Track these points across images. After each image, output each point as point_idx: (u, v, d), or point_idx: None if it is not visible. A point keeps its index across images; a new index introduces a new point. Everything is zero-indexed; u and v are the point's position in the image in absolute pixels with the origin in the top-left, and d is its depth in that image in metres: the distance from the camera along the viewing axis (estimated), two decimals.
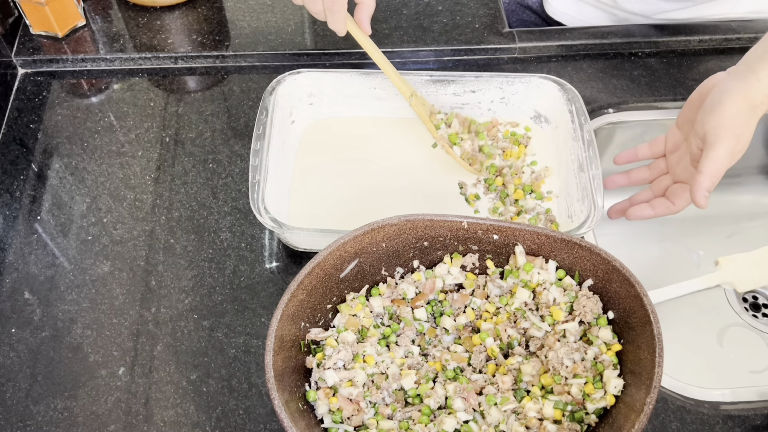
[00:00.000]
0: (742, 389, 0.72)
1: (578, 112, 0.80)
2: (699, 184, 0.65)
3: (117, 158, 0.87)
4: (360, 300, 0.67)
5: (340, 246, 0.64)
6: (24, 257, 0.79)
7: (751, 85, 0.66)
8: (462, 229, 0.66)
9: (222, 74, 0.95)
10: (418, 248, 0.68)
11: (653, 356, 0.57)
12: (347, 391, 0.62)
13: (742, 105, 0.66)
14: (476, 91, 0.85)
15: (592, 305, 0.64)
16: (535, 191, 0.80)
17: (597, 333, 0.63)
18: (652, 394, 0.55)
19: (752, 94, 0.66)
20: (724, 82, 0.68)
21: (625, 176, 0.78)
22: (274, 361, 0.58)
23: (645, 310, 0.59)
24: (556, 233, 0.65)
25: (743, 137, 0.66)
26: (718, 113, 0.66)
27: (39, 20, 0.94)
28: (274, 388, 0.57)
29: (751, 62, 0.68)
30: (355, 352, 0.64)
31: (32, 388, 0.70)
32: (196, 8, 1.00)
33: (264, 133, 0.77)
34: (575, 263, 0.65)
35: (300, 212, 0.79)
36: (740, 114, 0.66)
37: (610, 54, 0.98)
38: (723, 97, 0.67)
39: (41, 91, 0.93)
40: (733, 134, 0.65)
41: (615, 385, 0.60)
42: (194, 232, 0.80)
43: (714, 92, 0.68)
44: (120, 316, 0.75)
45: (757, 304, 0.92)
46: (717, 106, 0.66)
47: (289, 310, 0.61)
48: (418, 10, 1.00)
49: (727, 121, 0.65)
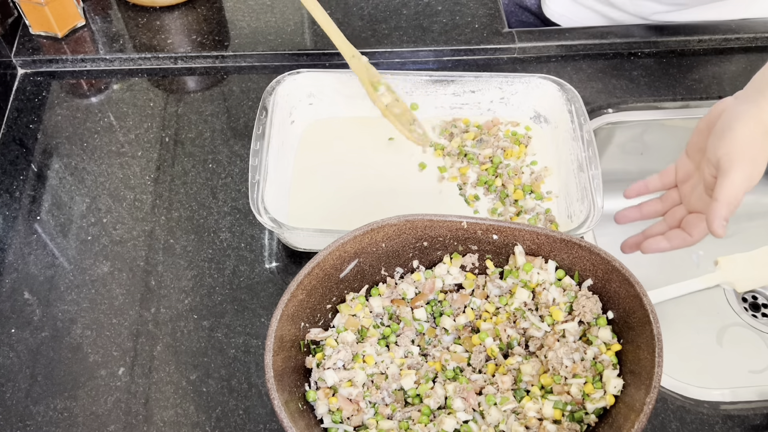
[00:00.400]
0: (742, 389, 0.72)
1: (578, 112, 0.80)
2: (715, 212, 0.63)
3: (117, 158, 0.87)
4: (360, 300, 0.67)
5: (340, 246, 0.64)
6: (24, 257, 0.78)
7: (761, 108, 0.64)
8: (461, 229, 0.66)
9: (222, 74, 0.95)
10: (418, 248, 0.68)
11: (653, 356, 0.57)
12: (347, 391, 0.62)
13: (754, 129, 0.64)
14: (476, 91, 0.85)
15: (591, 305, 0.64)
16: (534, 191, 0.80)
17: (596, 333, 0.63)
18: (651, 394, 0.55)
19: (764, 118, 0.64)
20: (733, 106, 0.66)
21: (637, 210, 0.75)
22: (273, 361, 0.58)
23: (644, 310, 0.59)
24: (556, 233, 0.65)
25: (758, 162, 0.64)
26: (730, 138, 0.64)
27: (38, 20, 0.94)
28: (273, 389, 0.57)
29: (759, 86, 0.66)
30: (355, 352, 0.64)
31: (32, 388, 0.70)
32: (196, 8, 1.00)
33: (264, 133, 0.77)
34: (575, 263, 0.65)
35: (299, 212, 0.79)
36: (753, 138, 0.64)
37: (610, 54, 0.98)
38: (733, 123, 0.64)
39: (41, 91, 0.93)
40: (748, 159, 0.63)
41: (615, 385, 0.60)
42: (194, 233, 0.80)
43: (723, 118, 0.66)
44: (120, 316, 0.75)
45: (757, 304, 0.92)
46: (728, 131, 0.64)
47: (288, 310, 0.61)
48: (418, 11, 1.00)
49: (740, 146, 0.63)
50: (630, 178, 1.00)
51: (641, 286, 0.61)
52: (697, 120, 0.95)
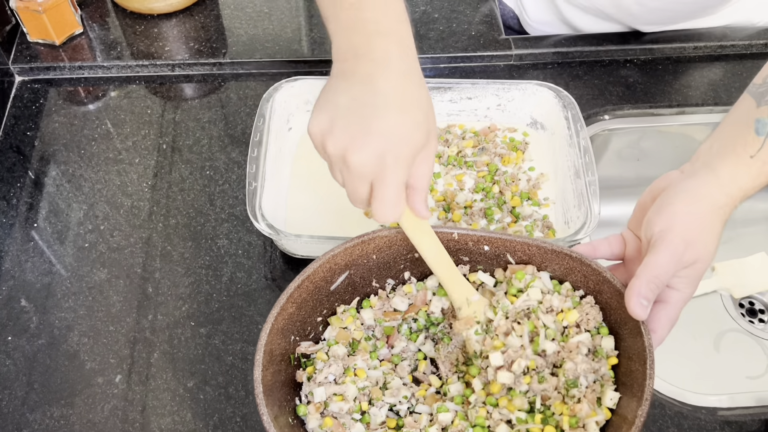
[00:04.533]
0: (740, 395, 0.72)
1: (574, 119, 0.80)
2: (634, 290, 0.56)
3: (114, 165, 0.87)
4: (351, 312, 0.67)
5: (330, 258, 0.63)
6: (20, 265, 0.78)
7: (707, 183, 0.58)
8: (452, 240, 0.65)
9: (219, 81, 0.95)
10: (410, 260, 0.67)
11: (644, 368, 0.57)
12: (338, 406, 0.61)
13: (695, 207, 0.58)
14: (473, 98, 0.85)
15: (595, 313, 0.63)
16: (531, 198, 0.80)
17: (600, 343, 0.63)
18: (643, 406, 0.55)
19: (710, 194, 0.58)
20: (677, 182, 0.60)
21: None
22: (263, 375, 0.57)
23: (636, 322, 0.58)
24: (546, 244, 0.64)
25: (697, 245, 0.57)
26: (666, 215, 0.58)
27: (36, 28, 0.94)
28: (263, 403, 0.56)
29: (706, 159, 0.60)
30: (346, 365, 0.63)
31: (28, 396, 0.70)
32: (193, 16, 1.00)
33: (261, 140, 0.77)
34: (566, 274, 0.65)
35: (297, 219, 0.79)
36: (692, 217, 0.57)
37: (606, 61, 0.98)
38: (674, 198, 0.58)
39: (38, 98, 0.93)
40: (681, 239, 0.56)
41: (611, 398, 0.59)
42: (191, 239, 0.80)
43: (665, 193, 0.60)
44: (117, 323, 0.74)
45: (754, 309, 0.92)
46: (665, 207, 0.58)
47: (278, 324, 0.61)
48: (415, 18, 1.01)
49: (675, 224, 0.57)
50: (627, 184, 1.00)
51: None
52: (694, 127, 0.96)
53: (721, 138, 0.61)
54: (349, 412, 0.61)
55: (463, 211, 0.80)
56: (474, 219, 0.79)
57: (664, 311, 0.59)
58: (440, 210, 0.80)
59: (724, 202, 0.58)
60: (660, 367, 0.75)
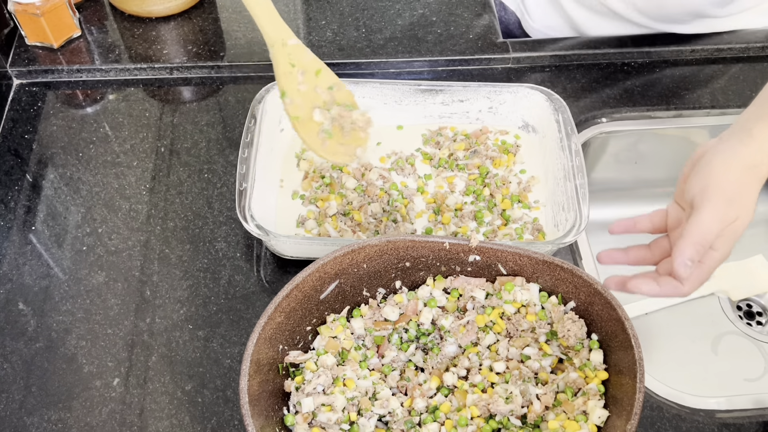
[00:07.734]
0: (738, 397, 0.72)
1: (565, 122, 0.80)
2: (679, 251, 0.58)
3: (112, 168, 0.87)
4: (341, 322, 0.66)
5: (320, 267, 0.63)
6: (18, 268, 0.78)
7: (743, 143, 0.61)
8: (444, 249, 0.65)
9: (217, 84, 0.95)
10: (400, 269, 0.67)
11: (634, 381, 0.56)
12: (326, 416, 0.60)
13: (733, 165, 0.60)
14: (464, 101, 0.86)
15: (576, 329, 0.63)
16: (522, 201, 0.81)
17: (587, 357, 0.63)
18: (632, 421, 0.54)
19: (746, 153, 0.60)
20: (714, 146, 0.63)
21: (623, 254, 0.67)
22: (249, 385, 0.57)
23: (626, 335, 0.58)
24: (538, 255, 0.64)
25: (737, 201, 0.59)
26: (704, 175, 0.60)
27: (34, 31, 0.94)
28: (248, 414, 0.55)
29: (743, 123, 0.63)
30: (335, 375, 0.63)
31: (26, 399, 0.70)
32: (192, 19, 1.00)
33: (252, 141, 0.77)
34: (557, 285, 0.65)
35: (287, 220, 0.79)
36: (730, 175, 0.59)
37: (603, 64, 0.98)
38: (711, 159, 0.61)
39: (36, 101, 0.93)
40: (722, 197, 0.58)
41: (599, 416, 0.58)
42: (189, 242, 0.80)
43: (703, 158, 0.62)
44: (115, 326, 0.74)
45: (752, 312, 0.92)
46: (703, 168, 0.61)
47: (266, 333, 0.60)
48: (413, 21, 1.01)
49: (714, 182, 0.59)
50: (624, 187, 1.01)
51: (623, 309, 0.60)
52: (691, 130, 0.96)
53: (758, 103, 0.64)
54: (337, 423, 0.60)
55: (453, 214, 0.80)
56: (464, 222, 0.79)
57: (698, 270, 0.61)
58: (430, 212, 0.80)
59: (759, 160, 0.60)
60: (658, 370, 0.76)
